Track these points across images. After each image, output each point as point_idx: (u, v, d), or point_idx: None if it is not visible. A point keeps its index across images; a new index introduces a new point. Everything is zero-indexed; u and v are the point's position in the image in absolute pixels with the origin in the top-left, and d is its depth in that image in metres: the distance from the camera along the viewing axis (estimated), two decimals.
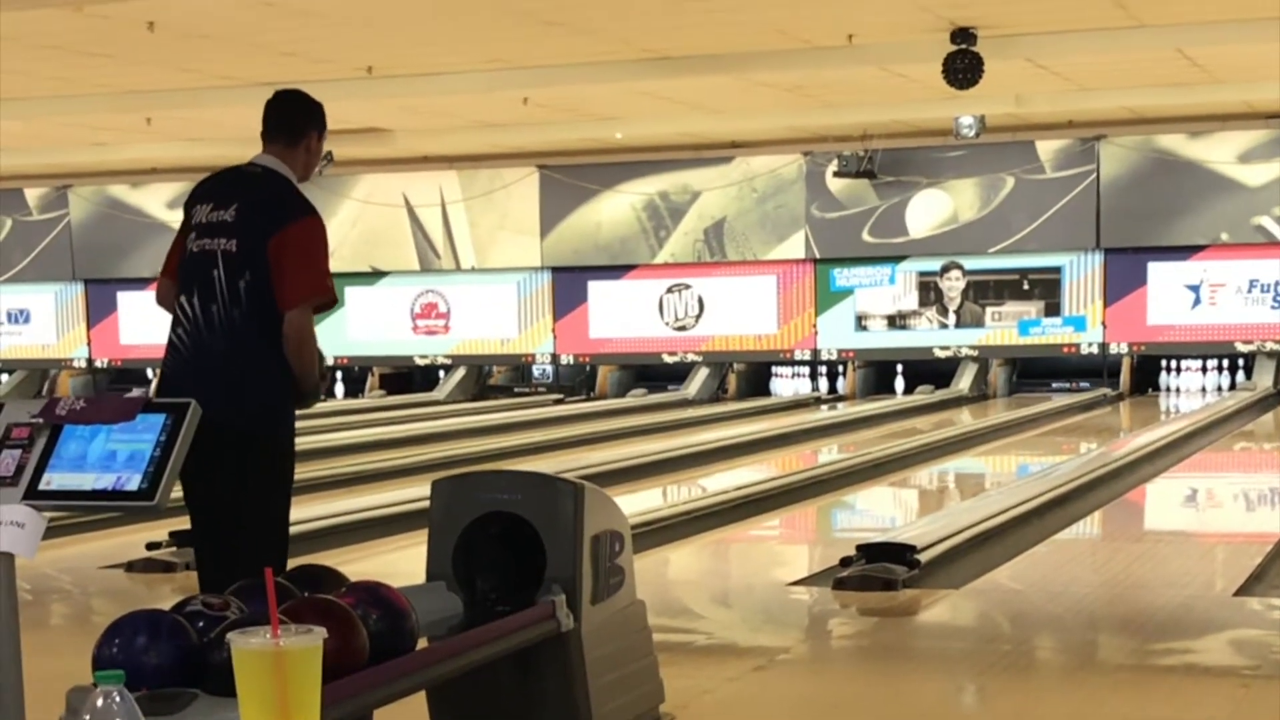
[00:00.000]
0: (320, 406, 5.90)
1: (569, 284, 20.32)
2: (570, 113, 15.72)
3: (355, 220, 20.73)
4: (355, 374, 21.20)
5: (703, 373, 19.97)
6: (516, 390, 20.81)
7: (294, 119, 5.09)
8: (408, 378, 21.42)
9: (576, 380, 20.61)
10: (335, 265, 19.86)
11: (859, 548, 7.37)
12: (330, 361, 4.97)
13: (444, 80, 12.79)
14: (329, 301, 4.99)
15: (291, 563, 4.50)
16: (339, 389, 21.09)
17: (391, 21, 10.49)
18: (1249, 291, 18.06)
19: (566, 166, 19.73)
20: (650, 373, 20.32)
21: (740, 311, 19.78)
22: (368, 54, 11.85)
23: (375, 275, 20.89)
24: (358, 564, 7.41)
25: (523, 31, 10.88)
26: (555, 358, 20.47)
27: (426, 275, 20.82)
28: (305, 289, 4.85)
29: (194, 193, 5.04)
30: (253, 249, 4.79)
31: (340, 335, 20.37)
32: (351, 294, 20.60)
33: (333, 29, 10.44)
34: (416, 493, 8.64)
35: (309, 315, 4.87)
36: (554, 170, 19.90)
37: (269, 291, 4.78)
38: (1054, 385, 19.24)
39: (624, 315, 20.19)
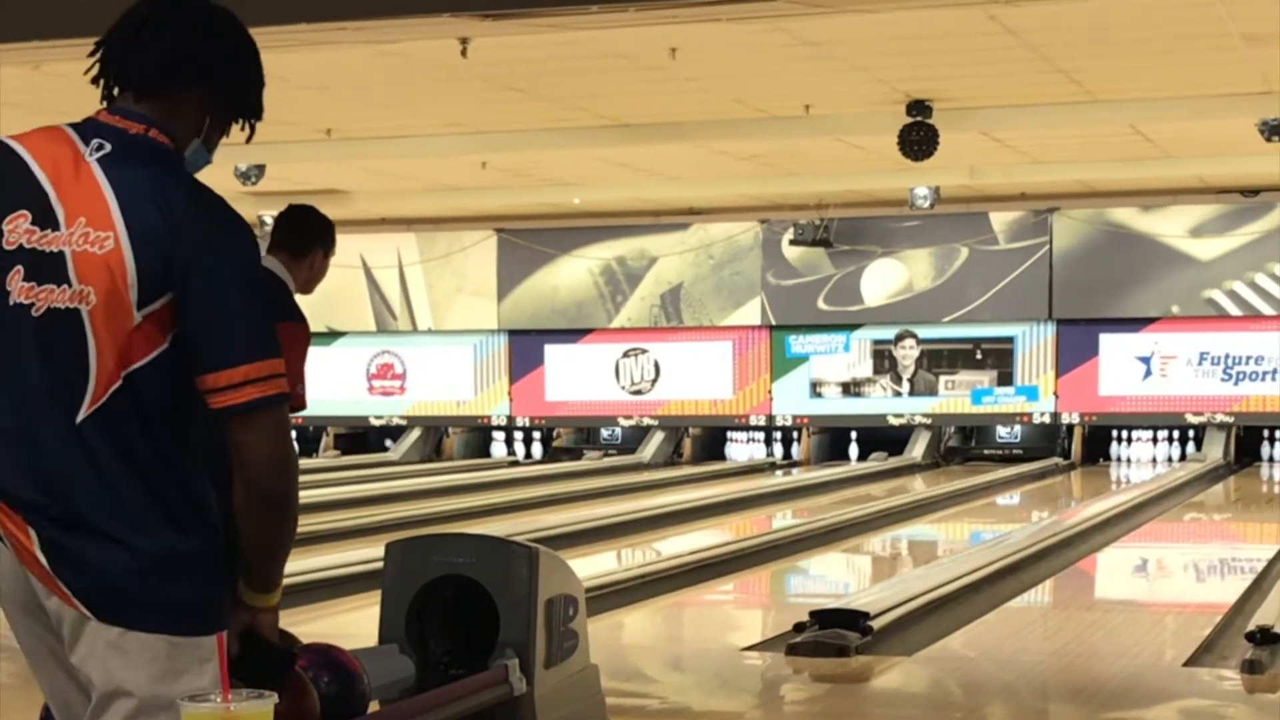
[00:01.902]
0: None
1: (525, 347, 20.33)
2: (529, 177, 15.78)
3: None
4: (310, 434, 21.12)
5: (658, 437, 19.99)
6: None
7: (302, 234, 5.26)
8: (363, 438, 21.35)
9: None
10: None
11: (812, 614, 7.39)
12: None
13: (403, 143, 12.83)
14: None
15: None
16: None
17: (351, 85, 10.53)
18: (1199, 364, 18.23)
19: (524, 230, 19.78)
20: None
21: (696, 376, 19.83)
22: (327, 116, 11.89)
23: (331, 335, 20.83)
24: (311, 625, 7.37)
25: (482, 96, 10.94)
26: (511, 419, 20.45)
27: (383, 336, 20.81)
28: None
29: None
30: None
31: None
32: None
33: (292, 91, 10.46)
34: (371, 554, 8.60)
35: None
36: (512, 234, 19.95)
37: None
38: (986, 452, 19.38)
39: (580, 379, 20.21)
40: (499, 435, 20.93)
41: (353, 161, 13.89)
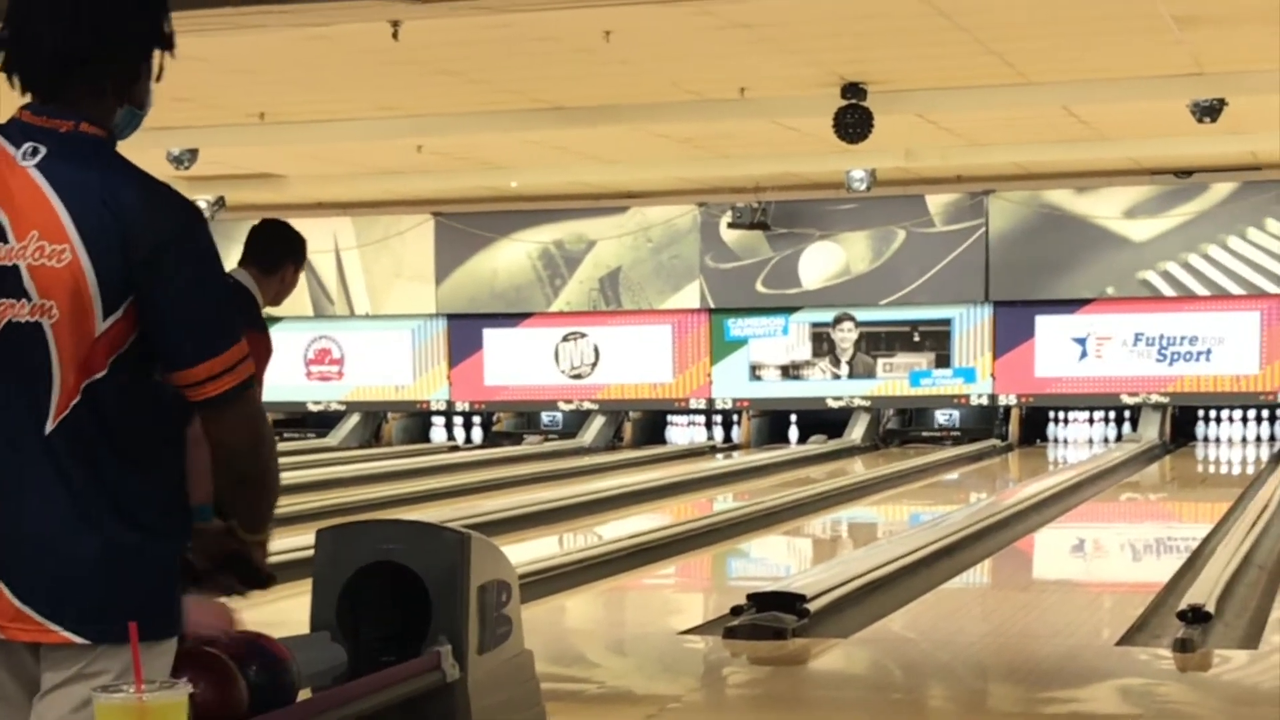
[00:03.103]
0: None
1: (464, 331, 20.27)
2: (465, 161, 15.72)
3: None
4: None
5: (598, 421, 19.98)
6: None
7: (270, 249, 5.43)
8: (301, 423, 21.25)
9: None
10: None
11: (750, 597, 7.41)
12: None
13: (337, 127, 12.74)
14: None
15: None
16: None
17: (282, 68, 10.44)
18: (1134, 345, 18.37)
19: (462, 214, 19.71)
20: None
21: (636, 360, 19.82)
22: (259, 100, 11.79)
23: (268, 320, 20.63)
24: (245, 613, 7.31)
25: (416, 80, 10.88)
26: (450, 404, 20.39)
27: (320, 321, 20.69)
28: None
29: None
30: None
31: None
32: None
33: (224, 75, 10.37)
34: (305, 540, 8.54)
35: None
36: (449, 218, 19.87)
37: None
38: (925, 435, 19.47)
39: (520, 363, 20.17)
40: (438, 420, 20.88)
41: (287, 145, 13.78)
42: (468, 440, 20.66)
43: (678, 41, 9.87)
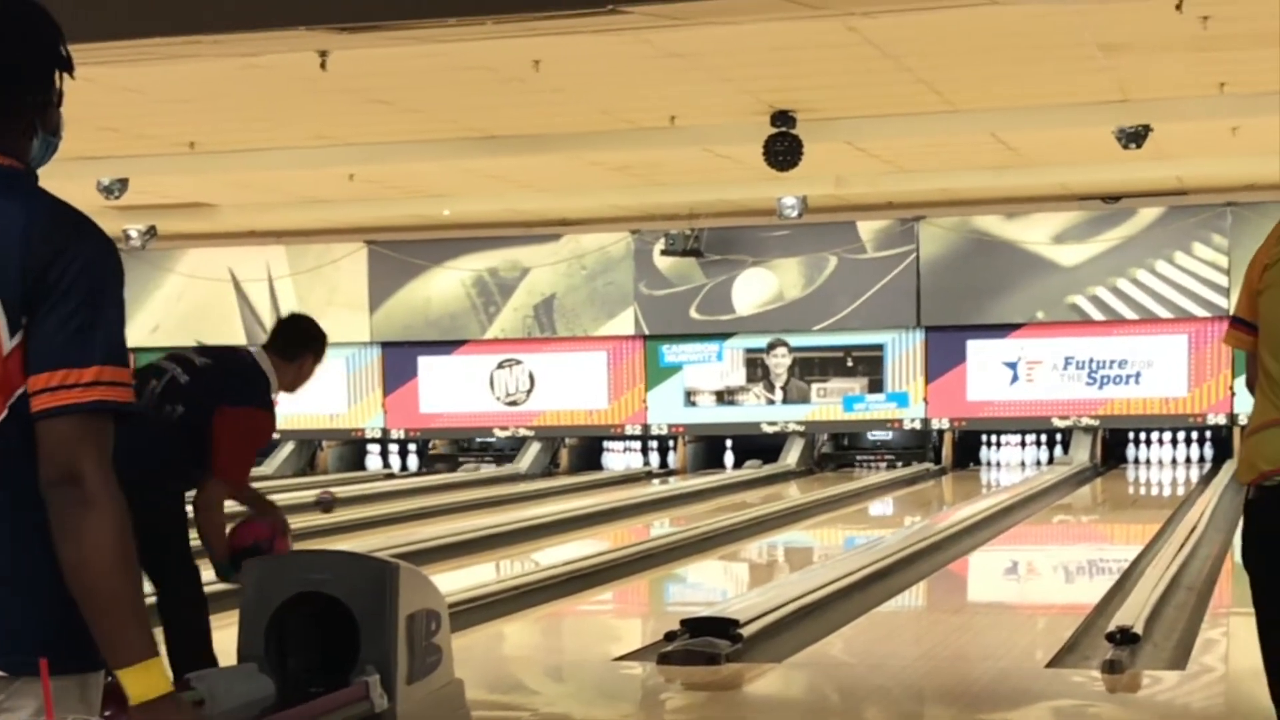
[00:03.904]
0: None
1: (399, 359, 20.23)
2: (397, 189, 15.70)
3: (180, 295, 20.45)
4: None
5: (534, 447, 19.97)
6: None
7: (293, 339, 5.90)
8: None
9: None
10: (159, 339, 19.48)
11: (683, 622, 7.42)
12: None
13: (269, 156, 12.71)
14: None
15: None
16: None
17: (212, 98, 10.41)
18: (1065, 368, 18.54)
19: (395, 242, 19.69)
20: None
21: (571, 387, 19.83)
22: (189, 129, 11.75)
23: None
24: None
25: (346, 109, 10.87)
26: (385, 432, 20.32)
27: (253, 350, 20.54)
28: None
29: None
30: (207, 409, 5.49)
31: None
32: None
33: (154, 105, 10.34)
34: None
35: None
36: (383, 246, 19.83)
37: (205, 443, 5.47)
38: (859, 458, 19.56)
39: (455, 390, 20.13)
40: (373, 448, 20.79)
41: (218, 175, 13.73)
42: (403, 468, 20.59)
43: (608, 70, 9.91)
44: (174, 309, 20.38)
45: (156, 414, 5.44)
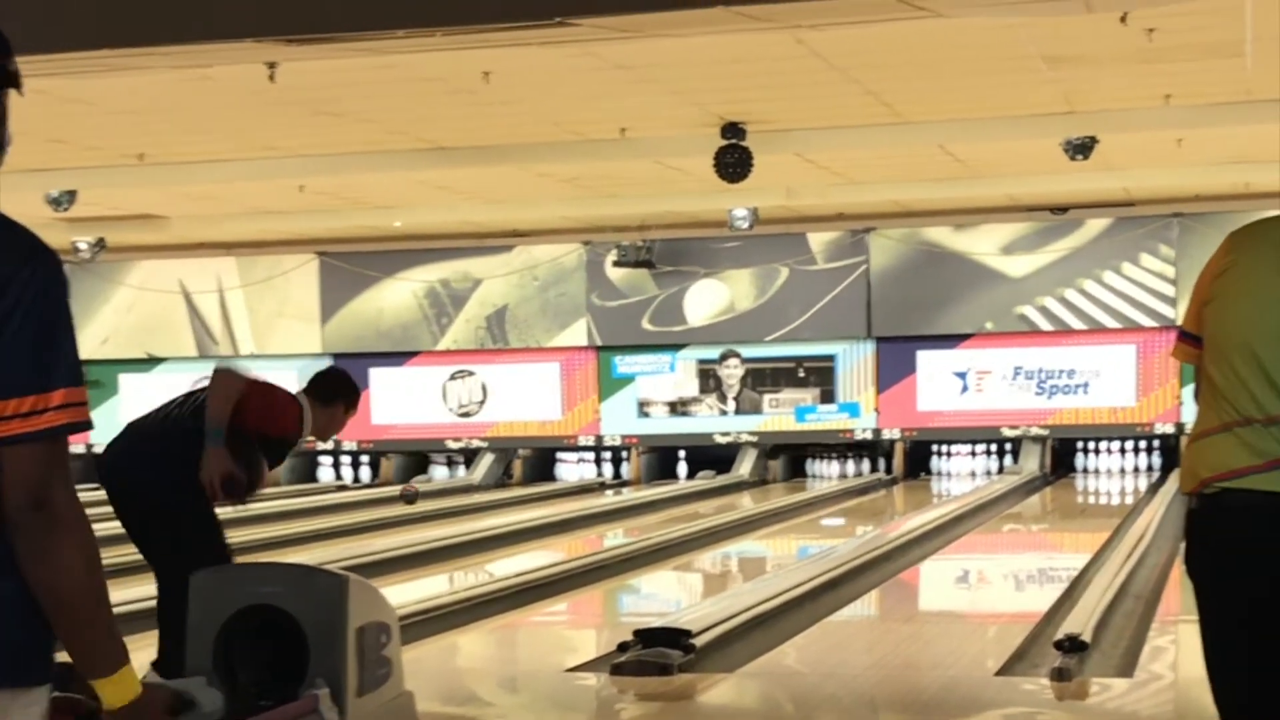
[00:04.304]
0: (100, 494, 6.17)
1: (350, 370, 19.99)
2: (348, 201, 15.67)
3: (131, 306, 20.35)
4: None
5: (488, 458, 19.95)
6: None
7: (329, 388, 6.45)
8: None
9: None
10: (110, 352, 19.29)
11: (636, 633, 7.42)
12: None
13: (219, 168, 12.67)
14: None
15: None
16: None
17: (162, 109, 10.38)
18: (1014, 379, 18.65)
19: (346, 254, 19.64)
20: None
21: (524, 398, 19.82)
22: (138, 141, 11.70)
23: (151, 362, 20.52)
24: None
25: (296, 120, 10.85)
26: (337, 443, 20.25)
27: (204, 362, 20.47)
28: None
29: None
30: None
31: (114, 422, 19.85)
32: (126, 381, 20.23)
33: (103, 117, 10.30)
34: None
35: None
36: (334, 257, 19.78)
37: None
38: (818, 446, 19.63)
39: (407, 402, 20.09)
40: (325, 460, 20.71)
41: (167, 186, 13.67)
42: (356, 480, 20.52)
43: (557, 82, 9.93)
44: (124, 321, 20.27)
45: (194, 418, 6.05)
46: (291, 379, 21.67)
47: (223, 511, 6.32)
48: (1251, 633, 3.53)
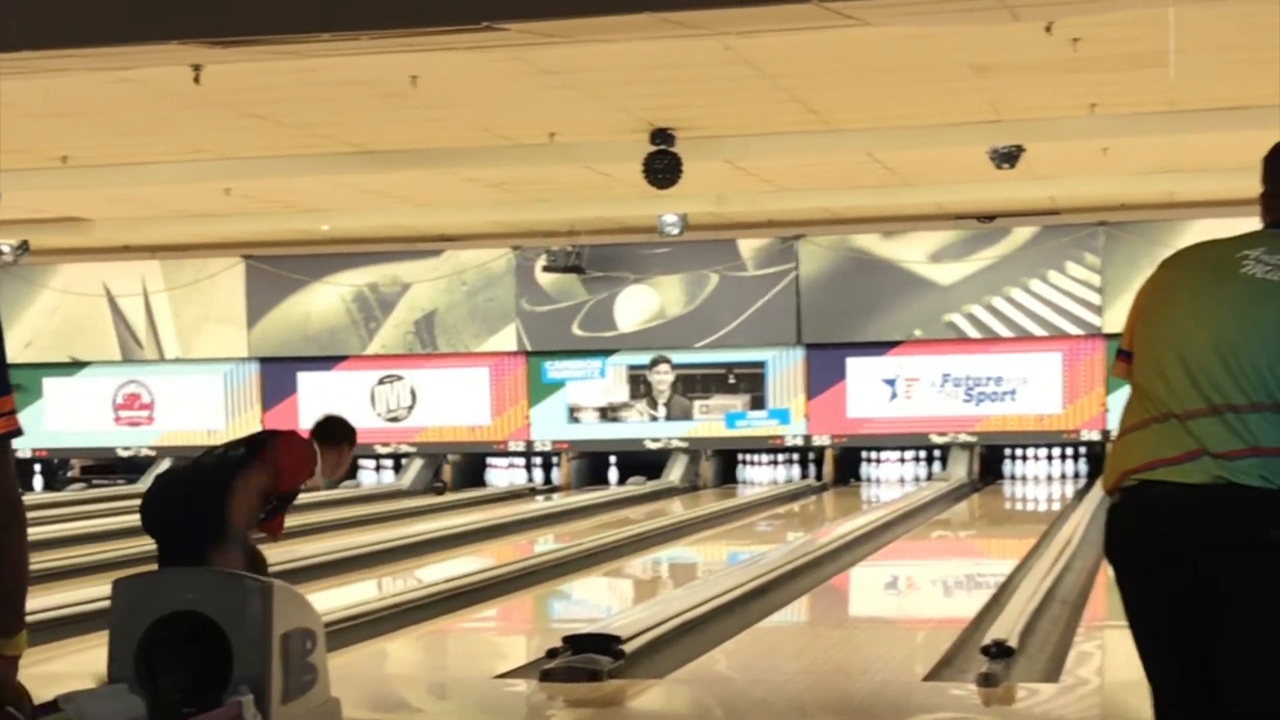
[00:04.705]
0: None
1: (278, 374, 20.04)
2: (275, 204, 15.57)
3: (54, 310, 20.15)
4: (55, 466, 20.64)
5: (417, 464, 19.87)
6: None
7: (338, 434, 6.44)
8: (110, 469, 20.82)
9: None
10: (33, 355, 19.10)
11: (566, 639, 7.41)
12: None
13: (143, 170, 12.54)
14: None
15: None
16: (37, 481, 20.46)
17: (85, 112, 10.27)
18: (942, 386, 18.76)
19: (273, 257, 19.52)
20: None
21: (453, 403, 19.76)
22: (62, 144, 11.57)
23: (75, 365, 20.34)
24: (47, 665, 7.15)
25: (223, 123, 10.76)
26: None
27: (129, 366, 20.33)
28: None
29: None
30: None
31: (38, 426, 19.72)
32: (50, 385, 20.08)
33: (25, 119, 10.16)
34: (104, 590, 8.37)
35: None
36: (260, 261, 19.65)
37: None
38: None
39: (335, 406, 19.93)
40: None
41: (91, 189, 13.53)
42: None
43: (486, 87, 9.90)
44: (48, 324, 20.08)
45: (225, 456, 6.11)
46: (218, 383, 21.51)
47: None
48: (1174, 623, 3.62)
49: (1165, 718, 3.68)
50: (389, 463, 20.32)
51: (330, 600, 9.08)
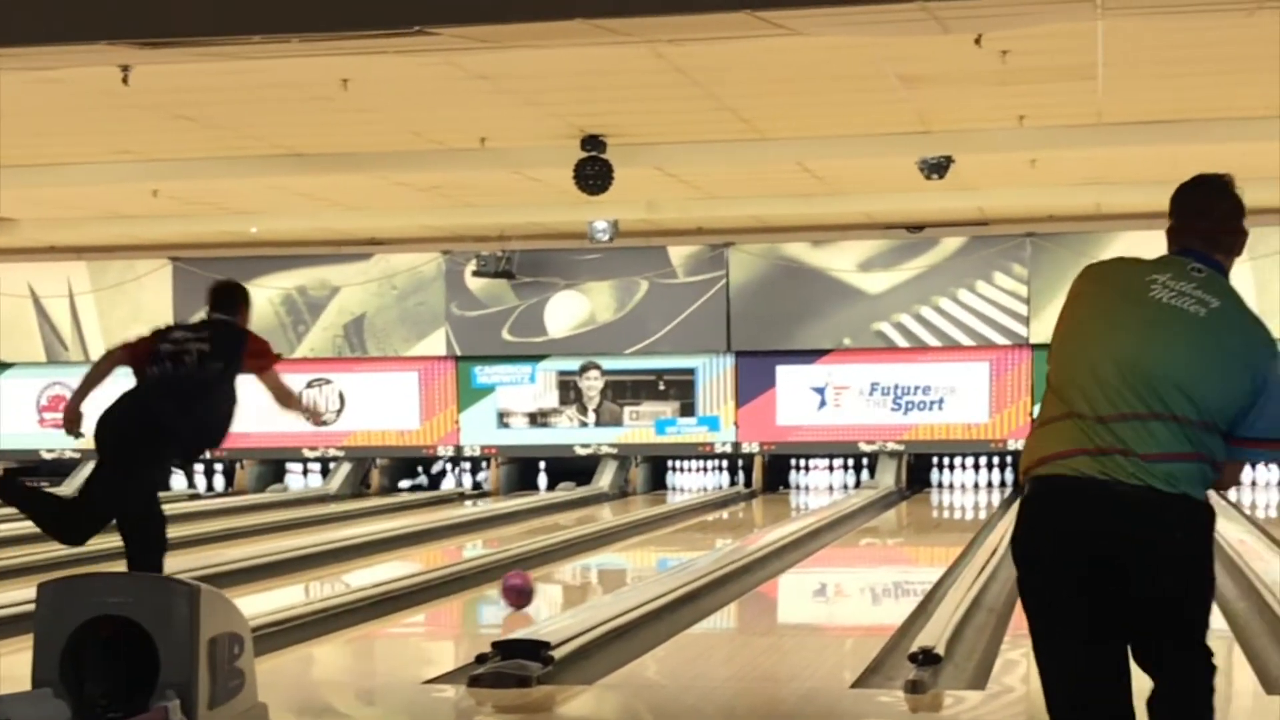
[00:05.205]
0: None
1: None
2: (203, 206, 15.45)
3: None
4: None
5: (345, 468, 19.77)
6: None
7: (231, 299, 8.48)
8: (35, 471, 20.58)
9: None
10: None
11: (494, 644, 7.39)
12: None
13: (70, 171, 12.42)
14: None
15: None
16: None
17: (9, 111, 10.14)
18: (871, 394, 18.86)
19: (201, 259, 19.36)
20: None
21: (382, 407, 19.69)
22: None
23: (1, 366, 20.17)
24: None
25: (151, 125, 10.68)
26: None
27: (54, 367, 20.11)
28: (274, 360, 8.36)
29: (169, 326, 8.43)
30: (225, 351, 8.18)
31: None
32: None
33: None
34: (28, 594, 8.27)
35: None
36: (188, 263, 19.50)
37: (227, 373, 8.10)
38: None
39: (263, 408, 19.78)
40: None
41: (16, 189, 13.37)
42: (209, 488, 20.23)
43: (417, 91, 9.88)
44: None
45: (197, 373, 7.83)
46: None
47: None
48: (1073, 612, 3.96)
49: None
50: (316, 467, 20.22)
51: (258, 605, 9.01)
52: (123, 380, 8.38)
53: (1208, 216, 4.04)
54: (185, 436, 8.06)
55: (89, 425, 8.25)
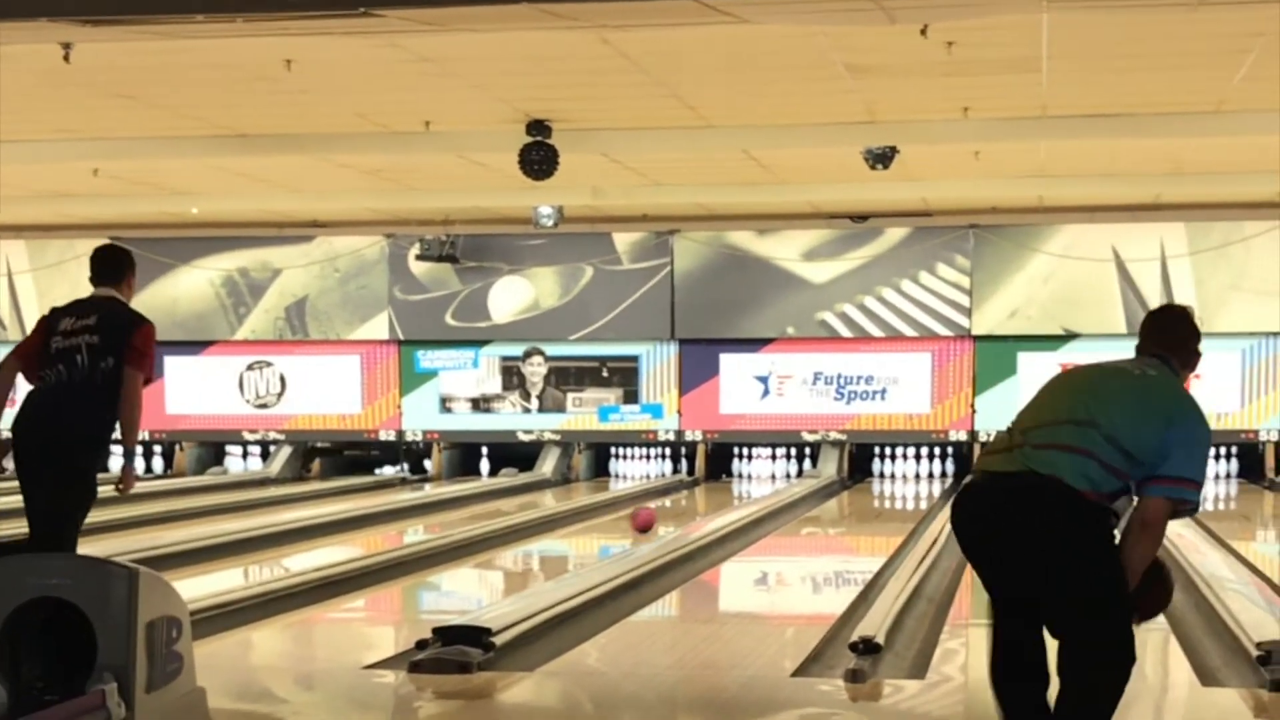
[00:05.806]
0: None
1: None
2: (143, 185, 15.33)
3: None
4: None
5: (285, 451, 19.67)
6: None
7: (118, 267, 7.94)
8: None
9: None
10: None
11: (435, 630, 7.38)
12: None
13: (8, 149, 12.27)
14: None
15: None
16: None
17: None
18: (814, 384, 18.91)
19: (141, 239, 19.18)
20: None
21: (324, 391, 19.60)
22: None
23: None
24: None
25: (92, 103, 10.58)
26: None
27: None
28: (149, 366, 7.53)
29: (55, 311, 7.70)
30: (113, 343, 7.39)
31: None
32: None
33: None
34: None
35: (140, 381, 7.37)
36: (128, 243, 19.24)
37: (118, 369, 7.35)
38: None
39: (203, 392, 19.72)
40: (116, 449, 20.18)
41: None
42: (148, 470, 20.09)
43: (361, 73, 9.82)
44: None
45: (92, 376, 7.39)
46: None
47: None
48: (987, 582, 4.78)
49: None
50: (256, 449, 20.11)
51: (196, 588, 8.95)
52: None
53: (1170, 334, 4.89)
54: (95, 436, 7.89)
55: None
